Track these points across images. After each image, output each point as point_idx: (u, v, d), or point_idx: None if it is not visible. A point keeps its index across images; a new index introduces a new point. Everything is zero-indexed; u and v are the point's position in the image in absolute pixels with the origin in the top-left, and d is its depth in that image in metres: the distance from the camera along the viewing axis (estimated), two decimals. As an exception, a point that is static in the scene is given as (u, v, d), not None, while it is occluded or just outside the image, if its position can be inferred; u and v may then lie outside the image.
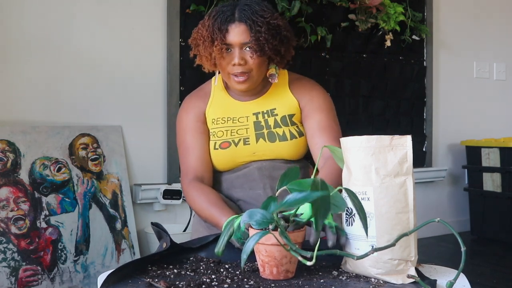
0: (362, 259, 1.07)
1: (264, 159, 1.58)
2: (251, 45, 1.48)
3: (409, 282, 1.06)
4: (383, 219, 1.06)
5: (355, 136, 1.11)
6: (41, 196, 2.48)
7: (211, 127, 1.61)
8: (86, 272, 2.51)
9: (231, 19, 1.49)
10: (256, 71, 1.52)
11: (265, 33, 1.48)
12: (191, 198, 1.52)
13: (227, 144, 1.56)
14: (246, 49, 1.50)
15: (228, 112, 1.61)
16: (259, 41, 1.48)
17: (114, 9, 2.81)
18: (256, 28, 1.48)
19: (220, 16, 1.50)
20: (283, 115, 1.60)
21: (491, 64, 4.31)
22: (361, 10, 3.41)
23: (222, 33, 1.48)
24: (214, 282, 1.06)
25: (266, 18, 1.50)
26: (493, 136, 4.07)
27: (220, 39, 1.48)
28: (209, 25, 1.51)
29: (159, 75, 2.92)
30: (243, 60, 1.49)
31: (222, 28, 1.48)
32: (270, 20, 1.51)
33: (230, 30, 1.48)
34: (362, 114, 3.59)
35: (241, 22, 1.48)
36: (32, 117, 2.61)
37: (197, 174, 1.55)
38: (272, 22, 1.51)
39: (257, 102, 1.62)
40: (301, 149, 1.61)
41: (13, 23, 2.58)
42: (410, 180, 1.07)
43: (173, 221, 2.94)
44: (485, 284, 2.82)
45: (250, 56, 1.50)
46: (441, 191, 4.05)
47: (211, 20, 1.51)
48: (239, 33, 1.48)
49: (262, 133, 1.58)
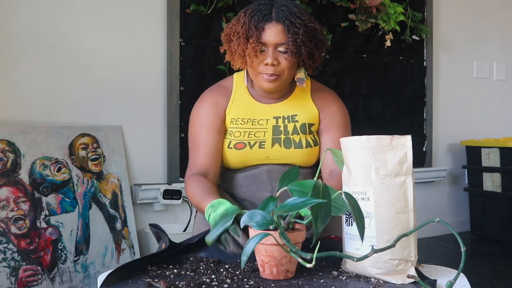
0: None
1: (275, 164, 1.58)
2: (287, 46, 1.46)
3: (409, 282, 1.06)
4: (383, 219, 1.06)
5: (355, 136, 1.11)
6: (41, 196, 2.48)
7: (229, 126, 1.58)
8: (86, 272, 2.51)
9: (268, 18, 1.47)
10: (287, 73, 1.50)
11: (302, 35, 1.46)
12: (188, 187, 1.51)
13: (242, 145, 1.55)
14: (280, 50, 1.47)
15: (248, 114, 1.58)
16: (296, 42, 1.46)
17: (114, 9, 2.81)
18: (293, 29, 1.46)
19: (257, 14, 1.47)
20: (303, 122, 1.59)
21: (491, 64, 4.31)
22: (361, 10, 3.42)
23: (258, 31, 1.45)
24: (214, 282, 1.06)
25: (304, 21, 1.48)
26: (493, 136, 4.07)
27: (256, 37, 1.45)
28: (244, 22, 1.48)
29: (159, 75, 2.92)
30: (276, 61, 1.47)
31: (259, 26, 1.46)
32: (308, 23, 1.49)
33: (267, 29, 1.46)
34: (362, 114, 3.59)
35: (279, 22, 1.46)
36: (32, 117, 2.61)
37: (202, 170, 1.54)
38: (309, 25, 1.49)
39: (279, 106, 1.60)
40: (314, 158, 1.61)
41: (13, 23, 2.58)
42: (410, 180, 1.07)
43: (173, 221, 2.94)
44: (485, 284, 2.82)
45: (285, 57, 1.47)
46: (441, 191, 4.05)
47: (247, 17, 1.48)
48: (275, 32, 1.46)
49: (279, 138, 1.56)
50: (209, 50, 2.96)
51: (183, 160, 2.91)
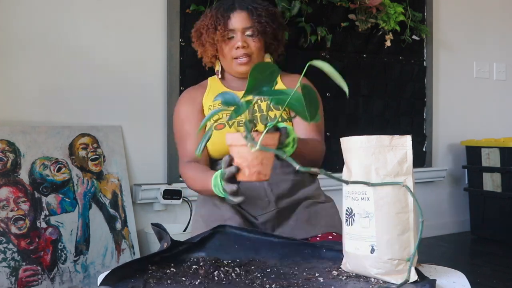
0: (362, 259, 1.07)
1: None
2: (253, 28, 1.61)
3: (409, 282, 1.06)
4: (383, 219, 1.06)
5: (355, 136, 1.11)
6: (41, 196, 2.48)
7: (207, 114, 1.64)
8: (86, 272, 2.51)
9: (233, 8, 1.62)
10: (257, 55, 1.63)
11: (265, 17, 1.62)
12: (186, 175, 1.59)
13: (221, 126, 1.60)
14: (247, 34, 1.61)
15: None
16: (261, 23, 1.61)
17: (114, 9, 2.81)
18: (257, 13, 1.61)
19: (222, 6, 1.63)
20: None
21: (491, 64, 4.31)
22: (361, 10, 3.42)
23: (225, 19, 1.60)
24: (214, 282, 1.06)
25: (264, 6, 1.66)
26: (493, 136, 4.07)
27: (224, 24, 1.59)
28: (211, 15, 1.63)
29: (159, 75, 2.92)
30: (245, 43, 1.60)
31: (225, 15, 1.60)
32: (268, 7, 1.67)
33: (232, 17, 1.61)
34: (362, 114, 3.59)
35: (242, 10, 1.62)
36: (32, 117, 2.61)
37: (193, 158, 1.60)
38: (270, 9, 1.67)
39: None
40: None
41: (13, 23, 2.58)
42: (410, 180, 1.07)
43: (173, 221, 2.94)
44: (485, 284, 2.82)
45: (252, 39, 1.61)
46: (441, 191, 4.05)
47: (213, 10, 1.64)
48: (240, 19, 1.61)
49: (255, 116, 1.61)
50: (209, 50, 2.96)
51: (183, 160, 2.91)
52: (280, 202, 1.54)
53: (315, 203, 1.59)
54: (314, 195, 1.61)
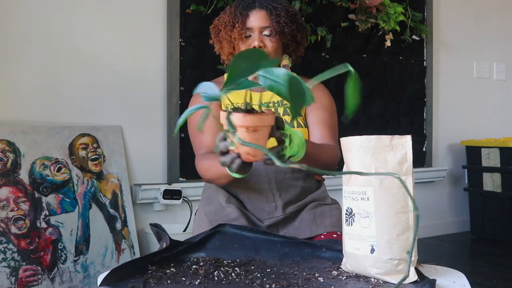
0: (361, 259, 1.07)
1: None
2: (271, 28, 1.58)
3: (409, 282, 1.06)
4: (383, 219, 1.06)
5: (355, 136, 1.11)
6: (41, 196, 2.48)
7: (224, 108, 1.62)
8: (86, 272, 2.51)
9: (252, 6, 1.60)
10: (273, 55, 1.59)
11: (284, 17, 1.59)
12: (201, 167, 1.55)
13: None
14: (265, 34, 1.59)
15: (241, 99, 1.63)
16: (279, 23, 1.58)
17: (114, 9, 2.81)
18: (276, 13, 1.59)
19: (242, 4, 1.61)
20: None
21: (491, 64, 4.31)
22: (361, 10, 3.42)
23: (243, 17, 1.58)
24: (214, 282, 1.06)
25: (285, 6, 1.62)
26: (493, 136, 4.08)
27: (242, 22, 1.58)
28: (230, 12, 1.62)
29: (159, 75, 2.92)
30: (262, 43, 1.58)
31: (244, 13, 1.59)
32: (288, 8, 1.63)
33: (251, 15, 1.59)
34: (362, 114, 3.59)
35: (262, 9, 1.59)
36: (32, 117, 2.62)
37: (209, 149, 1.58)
38: (290, 10, 1.63)
39: (268, 93, 1.64)
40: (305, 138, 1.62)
41: (13, 23, 2.58)
42: (410, 180, 1.07)
43: (173, 221, 2.94)
44: (485, 284, 2.82)
45: (270, 39, 1.58)
46: (441, 191, 4.05)
47: (232, 7, 1.62)
48: (259, 18, 1.58)
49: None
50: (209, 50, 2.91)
51: (183, 160, 2.91)
52: (287, 208, 1.54)
53: (321, 205, 1.59)
54: (320, 198, 1.60)
